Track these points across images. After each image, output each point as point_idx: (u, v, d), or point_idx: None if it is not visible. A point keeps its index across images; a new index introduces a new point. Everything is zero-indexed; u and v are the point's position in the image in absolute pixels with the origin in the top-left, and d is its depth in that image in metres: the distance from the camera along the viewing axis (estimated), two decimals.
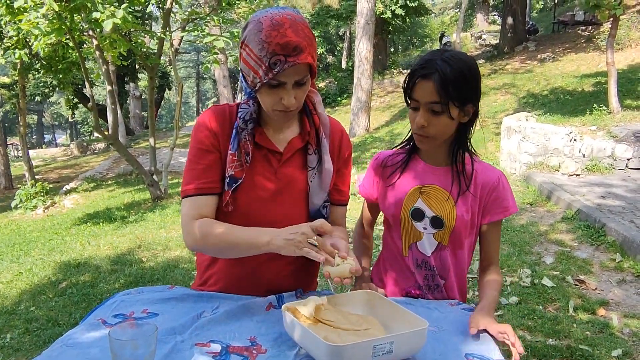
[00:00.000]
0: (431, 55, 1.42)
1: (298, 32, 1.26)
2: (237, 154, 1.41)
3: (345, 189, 1.62)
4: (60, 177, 15.39)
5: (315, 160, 1.49)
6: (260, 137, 1.45)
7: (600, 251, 4.60)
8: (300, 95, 1.35)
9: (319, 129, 1.49)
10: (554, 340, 3.19)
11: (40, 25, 6.26)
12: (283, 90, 1.31)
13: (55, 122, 54.99)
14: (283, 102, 1.33)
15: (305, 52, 1.27)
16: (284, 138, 1.48)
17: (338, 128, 1.57)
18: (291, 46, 1.25)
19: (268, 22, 1.26)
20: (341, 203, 1.61)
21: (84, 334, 1.28)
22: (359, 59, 13.07)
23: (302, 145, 1.49)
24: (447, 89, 1.37)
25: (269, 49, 1.25)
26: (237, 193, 1.44)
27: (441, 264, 1.59)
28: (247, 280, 1.52)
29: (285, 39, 1.24)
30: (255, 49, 1.27)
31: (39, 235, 7.43)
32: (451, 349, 1.23)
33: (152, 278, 4.72)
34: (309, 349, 1.15)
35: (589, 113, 8.66)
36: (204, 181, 1.42)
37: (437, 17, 37.55)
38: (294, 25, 1.27)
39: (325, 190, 1.51)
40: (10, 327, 3.93)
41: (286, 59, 1.25)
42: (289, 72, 1.28)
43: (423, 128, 1.45)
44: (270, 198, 1.47)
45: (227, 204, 1.43)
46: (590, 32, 17.06)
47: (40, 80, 20.50)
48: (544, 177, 6.73)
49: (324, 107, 1.52)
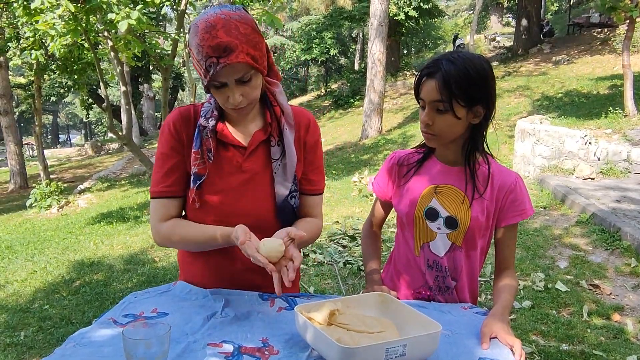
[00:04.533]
0: (440, 55, 1.44)
1: (230, 32, 1.27)
2: (200, 152, 1.44)
3: (317, 177, 1.60)
4: (74, 176, 15.55)
5: (279, 152, 1.50)
6: (222, 134, 1.47)
7: (615, 256, 4.55)
8: (247, 92, 1.35)
9: (280, 120, 1.49)
10: (568, 346, 3.16)
11: (57, 26, 6.32)
12: (227, 89, 1.33)
13: (70, 123, 55.57)
14: (230, 100, 1.35)
15: (236, 51, 1.27)
16: (247, 132, 1.50)
17: (304, 116, 1.57)
18: (221, 47, 1.26)
19: (202, 24, 1.28)
20: (313, 193, 1.59)
21: (96, 332, 1.29)
22: (371, 60, 13.04)
23: (265, 138, 1.50)
24: (449, 87, 1.38)
25: (203, 52, 1.27)
26: (202, 189, 1.47)
27: (454, 265, 1.58)
28: (227, 275, 1.57)
29: (216, 40, 1.26)
30: (195, 52, 1.30)
31: (53, 234, 7.51)
32: (464, 352, 1.22)
33: (164, 278, 4.75)
34: (322, 350, 1.14)
35: (604, 116, 8.58)
36: (166, 185, 1.48)
37: (451, 19, 37.42)
38: (226, 25, 1.27)
39: (289, 180, 1.51)
40: (24, 324, 3.97)
41: (218, 60, 1.27)
42: (225, 72, 1.29)
43: (428, 126, 1.47)
44: (236, 192, 1.49)
45: (193, 201, 1.46)
46: (606, 34, 16.92)
47: (55, 81, 20.74)
48: (558, 181, 6.66)
49: (285, 97, 1.52)
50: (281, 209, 1.52)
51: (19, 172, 14.45)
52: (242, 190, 1.49)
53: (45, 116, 39.51)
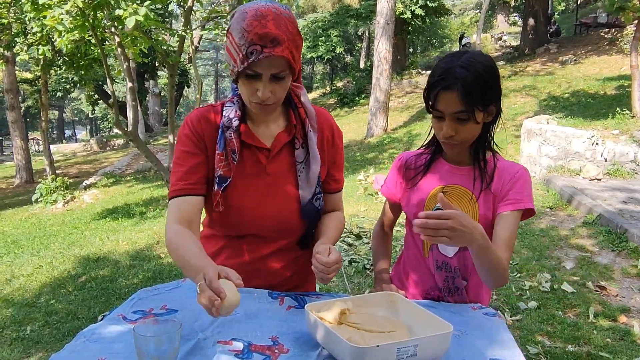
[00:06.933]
0: (449, 62, 1.39)
1: (280, 26, 1.27)
2: (224, 153, 1.42)
3: (339, 175, 1.63)
4: (79, 172, 15.60)
5: (303, 154, 1.49)
6: (246, 135, 1.45)
7: (621, 257, 4.53)
8: (277, 90, 1.34)
9: (304, 122, 1.49)
10: (574, 347, 3.15)
11: (64, 21, 6.33)
12: (259, 82, 1.32)
13: (76, 118, 55.70)
14: (258, 94, 1.33)
15: (282, 45, 1.27)
16: (270, 133, 1.48)
17: (326, 118, 1.57)
18: (269, 37, 1.25)
19: (252, 12, 1.27)
20: (336, 190, 1.62)
21: (106, 328, 1.29)
22: (377, 59, 13.01)
23: (289, 140, 1.49)
24: (470, 97, 1.35)
25: (248, 38, 1.26)
26: (227, 192, 1.44)
27: (464, 264, 1.57)
28: (247, 274, 1.53)
29: (265, 30, 1.25)
30: (237, 37, 1.28)
31: (58, 229, 7.54)
32: (475, 353, 1.22)
33: (170, 274, 4.76)
34: (332, 349, 1.14)
35: (611, 117, 8.52)
36: (187, 182, 1.42)
37: (457, 17, 37.30)
38: (277, 19, 1.28)
39: (314, 183, 1.50)
40: (30, 319, 3.99)
41: (262, 49, 1.26)
42: (264, 63, 1.28)
43: (452, 137, 1.44)
44: (260, 195, 1.47)
45: (217, 204, 1.44)
46: (614, 34, 16.83)
47: (62, 77, 20.76)
48: (565, 181, 6.64)
49: (309, 100, 1.52)
50: (306, 211, 1.51)
51: (24, 167, 14.51)
52: (266, 193, 1.47)
53: (51, 111, 39.61)
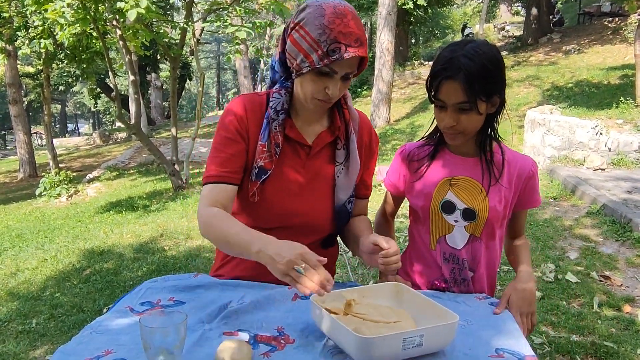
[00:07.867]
0: (452, 51, 1.37)
1: (359, 26, 1.27)
2: (267, 145, 1.40)
3: (371, 181, 1.63)
4: (83, 165, 15.60)
5: (343, 156, 1.48)
6: (290, 129, 1.43)
7: (626, 247, 4.52)
8: (342, 89, 1.34)
9: (348, 124, 1.48)
10: (578, 337, 3.15)
11: (66, 14, 6.33)
12: (330, 80, 1.30)
13: (78, 112, 55.70)
14: (327, 92, 1.31)
15: (364, 46, 1.27)
16: (312, 131, 1.47)
17: (366, 122, 1.57)
18: (354, 36, 1.25)
19: (331, 9, 1.25)
20: (366, 196, 1.63)
21: (113, 320, 1.30)
22: (380, 50, 12.96)
23: (331, 140, 1.48)
24: (473, 87, 1.34)
25: (331, 35, 1.23)
26: (264, 184, 1.43)
27: (472, 256, 1.57)
28: (264, 267, 1.52)
29: (349, 29, 1.24)
30: (314, 33, 1.25)
31: (63, 223, 7.55)
32: (481, 343, 1.22)
33: (174, 267, 4.77)
34: (338, 340, 1.14)
35: (615, 106, 8.48)
36: (226, 170, 1.39)
37: (460, 8, 37.02)
38: (355, 19, 1.27)
39: (351, 186, 1.51)
40: (35, 312, 4.01)
41: (346, 48, 1.24)
42: (345, 62, 1.27)
43: (453, 127, 1.43)
44: (296, 191, 1.46)
45: (253, 194, 1.42)
46: (617, 23, 16.70)
47: (64, 70, 20.74)
48: (569, 171, 6.62)
49: None
50: (338, 213, 1.52)
51: (28, 161, 14.52)
52: (302, 189, 1.47)
53: (53, 105, 39.61)
